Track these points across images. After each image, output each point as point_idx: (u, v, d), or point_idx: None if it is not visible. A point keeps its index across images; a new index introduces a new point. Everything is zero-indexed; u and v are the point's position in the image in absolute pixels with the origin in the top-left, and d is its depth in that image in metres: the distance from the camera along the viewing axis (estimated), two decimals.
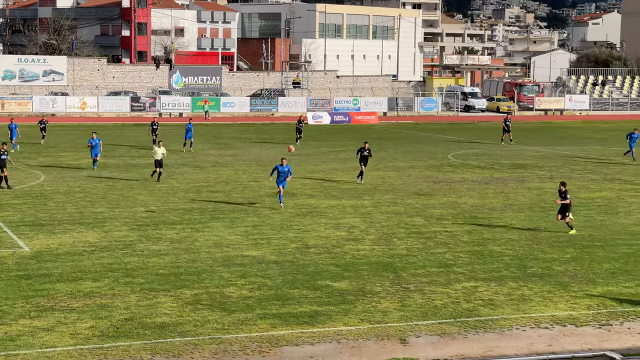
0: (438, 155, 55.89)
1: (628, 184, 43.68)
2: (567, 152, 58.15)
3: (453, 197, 39.08)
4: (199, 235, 30.26)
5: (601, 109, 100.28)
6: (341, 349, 19.04)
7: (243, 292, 23.37)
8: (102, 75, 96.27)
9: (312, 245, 28.97)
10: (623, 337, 20.11)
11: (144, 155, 53.62)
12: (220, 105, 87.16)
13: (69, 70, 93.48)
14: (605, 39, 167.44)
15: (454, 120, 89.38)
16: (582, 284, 24.60)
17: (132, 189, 40.46)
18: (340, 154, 56.29)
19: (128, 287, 23.66)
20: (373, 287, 23.98)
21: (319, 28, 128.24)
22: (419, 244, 29.34)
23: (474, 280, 24.86)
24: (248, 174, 46.17)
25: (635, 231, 31.96)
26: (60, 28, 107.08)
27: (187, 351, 18.72)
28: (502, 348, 19.28)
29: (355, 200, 37.87)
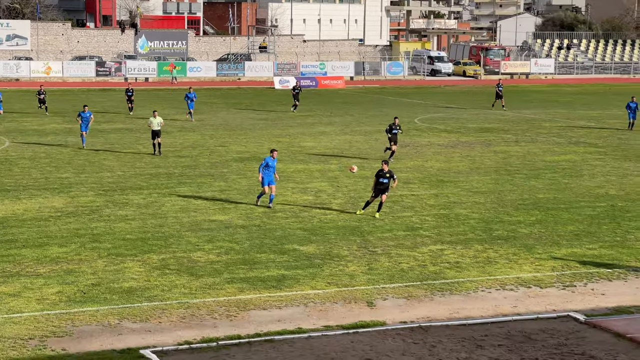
0: (405, 119, 55.91)
1: (592, 147, 44.06)
2: (532, 116, 58.49)
3: (419, 161, 39.23)
4: (165, 200, 30.17)
5: (566, 72, 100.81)
6: (309, 313, 19.15)
7: (210, 256, 23.39)
8: (66, 40, 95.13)
9: (280, 210, 28.99)
10: (587, 298, 20.39)
11: (110, 121, 53.25)
12: (186, 70, 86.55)
13: (32, 35, 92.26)
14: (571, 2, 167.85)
15: (420, 84, 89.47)
16: (547, 246, 24.88)
17: (98, 154, 40.18)
18: (307, 118, 56.22)
19: (95, 252, 23.58)
20: (340, 250, 24.09)
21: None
22: (385, 208, 29.43)
23: (440, 243, 25.05)
24: (215, 138, 46.01)
25: (599, 193, 32.31)
26: None
27: (155, 316, 18.74)
28: (467, 310, 19.48)
29: (322, 165, 37.91)
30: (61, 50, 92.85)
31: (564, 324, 18.62)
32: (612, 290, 21.01)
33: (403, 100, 70.70)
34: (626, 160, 40.11)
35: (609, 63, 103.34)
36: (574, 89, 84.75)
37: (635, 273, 22.39)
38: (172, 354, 16.64)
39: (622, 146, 44.54)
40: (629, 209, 29.69)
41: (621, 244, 25.12)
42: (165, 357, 16.47)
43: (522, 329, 18.28)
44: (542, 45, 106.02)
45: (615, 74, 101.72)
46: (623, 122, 55.38)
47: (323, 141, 45.23)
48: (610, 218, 28.36)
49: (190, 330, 17.91)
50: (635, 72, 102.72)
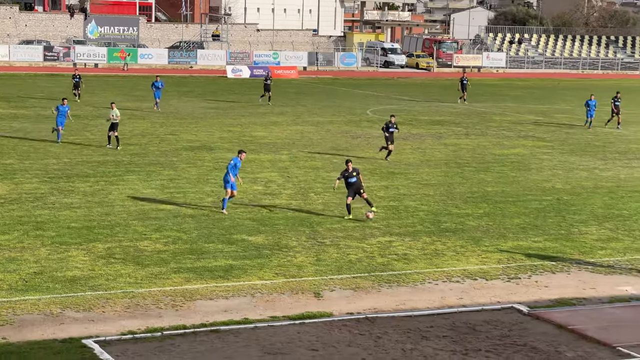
0: (357, 110, 56.06)
1: (540, 141, 44.51)
2: (483, 109, 58.91)
3: (370, 153, 39.30)
4: (113, 189, 29.86)
5: (517, 66, 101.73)
6: (255, 303, 19.08)
7: (157, 245, 23.19)
8: (14, 24, 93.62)
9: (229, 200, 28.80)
10: (530, 290, 20.59)
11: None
12: (137, 57, 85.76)
13: None
14: None
15: (373, 75, 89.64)
16: (494, 238, 25.07)
17: (43, 140, 39.63)
18: (259, 108, 56.03)
19: (38, 240, 23.26)
20: (289, 241, 24.04)
21: None
22: (335, 199, 29.44)
23: (389, 235, 25.11)
24: (165, 127, 45.65)
25: (546, 187, 32.65)
26: None
27: (99, 305, 18.53)
28: (414, 301, 19.56)
29: (273, 155, 37.80)
30: (8, 34, 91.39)
31: (508, 316, 18.78)
32: (555, 282, 21.25)
33: (356, 91, 70.79)
34: (572, 154, 40.60)
35: (559, 58, 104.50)
36: (524, 83, 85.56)
37: (577, 266, 22.67)
38: (115, 344, 16.46)
39: (569, 140, 45.06)
40: (574, 203, 30.05)
41: (565, 237, 25.41)
42: (108, 347, 16.29)
43: (466, 321, 18.40)
44: (494, 39, 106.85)
45: (564, 69, 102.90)
46: (570, 117, 56.06)
47: (274, 131, 45.13)
48: (555, 211, 28.68)
49: (135, 320, 17.74)
50: (584, 67, 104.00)
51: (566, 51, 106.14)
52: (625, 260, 23.25)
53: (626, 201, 30.61)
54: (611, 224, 27.22)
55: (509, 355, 16.58)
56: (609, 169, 37.10)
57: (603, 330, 18.03)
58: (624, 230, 26.40)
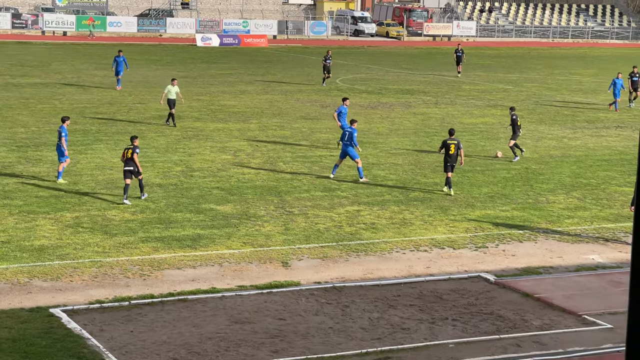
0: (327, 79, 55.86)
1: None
2: (452, 78, 58.95)
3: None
4: (81, 158, 29.67)
5: (487, 35, 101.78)
6: (223, 272, 19.10)
7: (125, 215, 23.11)
8: None
9: (197, 169, 28.78)
10: (497, 259, 20.77)
11: (25, 75, 52.00)
12: (106, 25, 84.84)
13: None
14: None
15: (343, 44, 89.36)
16: (462, 207, 25.21)
17: (11, 108, 39.25)
18: (229, 77, 55.75)
19: (6, 209, 23.10)
20: (257, 210, 24.04)
21: None
22: (304, 168, 29.46)
23: (357, 204, 25.18)
24: (134, 95, 45.33)
25: (513, 156, 32.76)
26: None
27: (66, 274, 18.47)
28: (381, 270, 19.67)
29: (242, 124, 37.68)
30: None
31: (475, 284, 18.94)
32: (522, 251, 21.44)
33: None
34: (541, 123, 40.80)
35: (529, 27, 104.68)
36: (494, 52, 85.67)
37: (545, 234, 22.87)
38: (83, 313, 16.44)
39: (538, 110, 45.26)
40: (542, 172, 30.25)
41: (533, 206, 25.60)
42: (76, 316, 16.26)
43: (434, 289, 18.54)
44: (464, 7, 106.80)
45: (534, 38, 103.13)
46: (539, 85, 56.25)
47: (243, 100, 44.96)
48: (523, 180, 28.87)
49: (102, 289, 17.71)
50: (554, 36, 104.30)
51: (536, 20, 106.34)
52: (592, 229, 23.49)
53: (594, 170, 30.86)
54: (579, 192, 27.46)
55: (475, 323, 16.74)
56: (578, 137, 37.35)
57: (569, 298, 18.24)
58: (592, 199, 26.64)
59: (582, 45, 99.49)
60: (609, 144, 36.19)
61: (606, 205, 25.96)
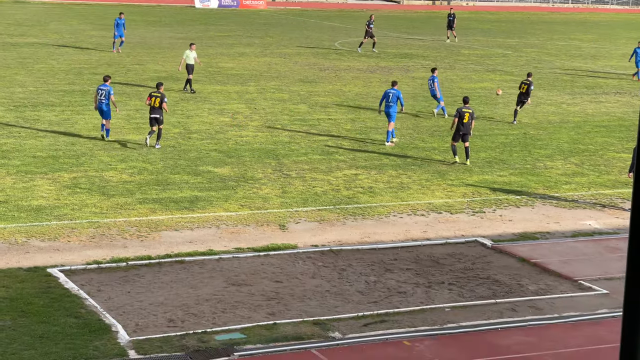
0: (325, 42, 55.67)
1: (508, 75, 44.54)
2: (451, 43, 58.66)
3: (338, 85, 39.16)
4: (79, 118, 29.59)
5: (487, 0, 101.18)
6: (220, 234, 19.14)
7: (123, 176, 23.11)
8: None
9: (195, 131, 28.73)
10: (494, 224, 20.81)
11: (23, 34, 51.71)
12: None
13: None
14: None
15: (343, 7, 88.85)
16: (459, 172, 25.22)
17: (9, 68, 39.08)
18: (227, 39, 55.44)
19: (3, 169, 23.08)
20: (255, 173, 24.04)
21: None
22: (302, 132, 29.42)
23: (355, 168, 25.17)
24: (132, 56, 45.12)
25: (512, 121, 32.73)
26: None
27: (64, 235, 18.49)
28: (378, 234, 19.71)
29: (240, 87, 37.56)
30: None
31: (472, 249, 19.00)
32: (519, 216, 21.48)
33: (324, 23, 70.20)
34: (540, 89, 40.66)
35: None
36: (494, 17, 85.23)
37: (542, 200, 22.90)
38: (80, 273, 16.49)
39: (537, 75, 45.09)
40: (540, 137, 30.23)
41: (530, 172, 25.61)
42: (73, 276, 16.32)
43: (430, 254, 18.60)
44: None
45: (534, 3, 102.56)
46: (539, 50, 56.04)
47: (242, 62, 44.76)
48: (521, 146, 28.85)
49: (100, 250, 17.75)
50: (554, 1, 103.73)
51: None
52: (590, 195, 23.53)
53: (592, 136, 30.84)
54: (577, 158, 27.46)
55: (472, 287, 16.81)
56: (577, 103, 37.28)
57: (565, 264, 18.31)
58: (589, 165, 26.65)
59: (582, 11, 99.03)
60: (607, 110, 36.14)
61: (604, 172, 25.97)
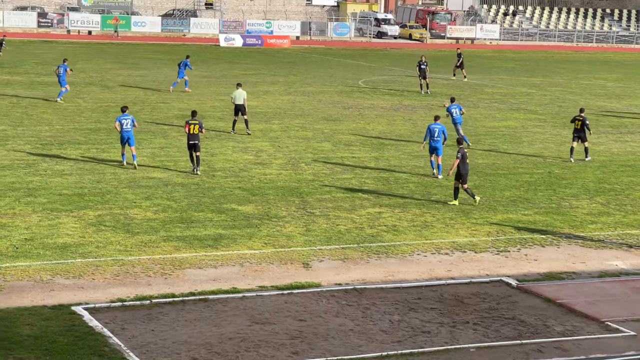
0: (349, 81, 55.93)
1: (532, 114, 44.48)
2: (475, 81, 58.78)
3: (362, 123, 39.25)
4: (104, 156, 29.80)
5: (511, 39, 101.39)
6: (244, 273, 19.13)
7: (148, 214, 23.20)
8: None
9: (219, 169, 28.84)
10: (520, 264, 20.67)
11: (50, 73, 52.31)
12: (130, 24, 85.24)
13: None
14: None
15: (366, 46, 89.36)
16: (483, 211, 25.12)
17: (36, 107, 39.50)
18: (251, 77, 55.81)
19: (29, 206, 23.24)
20: (279, 211, 24.06)
21: None
22: (326, 170, 29.47)
23: (378, 206, 25.14)
24: (157, 95, 45.50)
25: (537, 160, 32.68)
26: None
27: (88, 272, 18.55)
28: (402, 273, 19.63)
29: (264, 125, 37.73)
30: (2, 0, 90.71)
31: (497, 289, 18.86)
32: (544, 256, 21.33)
33: (348, 61, 70.58)
34: (565, 128, 40.54)
35: (553, 31, 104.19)
36: (517, 55, 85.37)
37: (568, 239, 22.74)
38: (104, 311, 16.51)
39: (562, 114, 45.02)
40: (564, 176, 30.09)
41: (556, 211, 25.47)
42: (97, 314, 16.33)
43: (455, 293, 18.48)
44: (488, 10, 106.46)
45: (558, 42, 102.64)
46: (563, 89, 55.96)
47: (266, 101, 45.00)
48: (546, 185, 28.73)
49: (124, 288, 17.78)
50: (578, 40, 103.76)
51: (561, 24, 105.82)
52: (616, 235, 23.34)
53: (618, 175, 30.66)
54: (602, 198, 27.29)
55: (497, 328, 16.67)
56: (602, 142, 37.11)
57: (592, 304, 18.12)
58: (615, 205, 26.47)
59: (606, 50, 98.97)
60: (633, 149, 35.95)
61: (630, 211, 25.79)
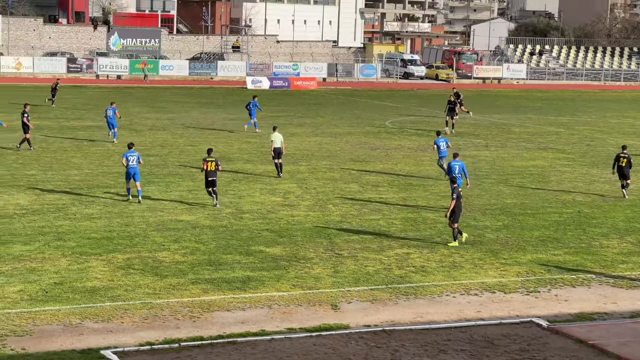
0: (376, 122, 56.07)
1: (561, 153, 44.32)
2: (503, 121, 58.73)
3: (389, 164, 39.28)
4: (133, 199, 29.97)
5: (538, 78, 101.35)
6: (272, 315, 19.10)
7: (176, 256, 23.27)
8: (38, 36, 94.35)
9: (247, 211, 28.92)
10: (550, 304, 20.49)
11: (79, 118, 52.90)
12: (158, 68, 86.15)
13: (3, 30, 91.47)
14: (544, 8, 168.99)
15: (393, 87, 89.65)
16: (512, 251, 24.97)
17: (65, 151, 39.89)
18: (278, 119, 56.06)
19: (59, 250, 23.39)
20: (306, 253, 24.05)
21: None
22: (353, 211, 29.46)
23: (406, 247, 25.07)
24: (185, 138, 45.81)
25: (566, 200, 32.49)
26: None
27: (117, 316, 18.61)
28: (431, 314, 19.52)
29: (291, 166, 37.83)
30: (32, 46, 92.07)
31: (527, 330, 18.70)
32: (575, 296, 21.13)
33: (375, 102, 70.80)
34: (593, 166, 40.38)
35: (580, 69, 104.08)
36: (544, 95, 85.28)
37: (598, 279, 22.53)
38: (133, 355, 16.52)
39: (590, 153, 44.84)
40: (594, 216, 29.88)
41: (586, 251, 25.27)
42: (126, 357, 16.36)
43: (485, 334, 18.34)
44: (514, 50, 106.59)
45: (586, 81, 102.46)
46: (591, 128, 55.74)
47: (293, 142, 45.14)
48: (576, 224, 28.53)
49: (153, 331, 17.80)
50: (605, 79, 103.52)
51: (588, 62, 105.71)
52: None
53: None
54: (633, 237, 27.05)
55: None
56: (632, 181, 36.81)
57: (624, 345, 17.91)
58: None
59: (634, 88, 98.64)
60: None
61: None
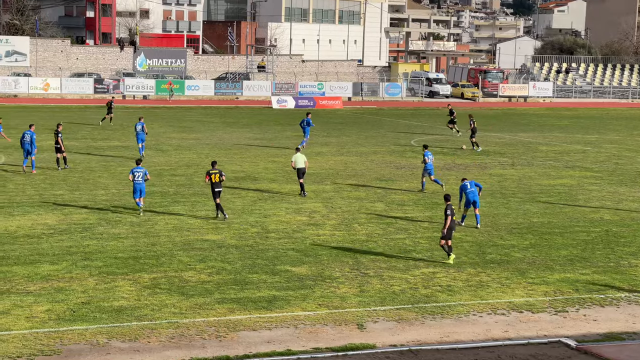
0: (401, 141, 56.03)
1: (588, 172, 44.06)
2: (529, 139, 58.51)
3: (415, 183, 39.19)
4: (159, 219, 30.11)
5: (564, 96, 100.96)
6: (298, 334, 19.07)
7: (202, 276, 23.32)
8: (65, 57, 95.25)
9: (273, 230, 28.95)
10: (578, 324, 20.33)
11: (106, 138, 53.25)
12: (184, 88, 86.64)
13: (32, 51, 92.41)
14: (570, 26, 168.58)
15: (418, 105, 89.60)
16: (540, 270, 24.82)
17: (93, 171, 40.15)
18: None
19: (86, 270, 23.51)
20: (332, 272, 24.02)
21: (285, 12, 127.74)
22: (379, 230, 29.41)
23: (432, 266, 24.98)
24: (211, 157, 45.92)
25: (593, 218, 32.27)
26: (23, 8, 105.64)
27: (144, 335, 18.65)
28: (458, 334, 19.41)
29: (317, 185, 37.86)
30: (60, 67, 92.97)
31: (555, 350, 18.55)
32: (603, 316, 20.95)
33: (400, 121, 70.78)
34: (622, 185, 40.10)
35: (608, 87, 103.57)
36: (571, 113, 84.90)
37: (627, 299, 22.33)
38: None
39: (618, 171, 44.54)
40: (623, 235, 29.65)
41: (614, 270, 25.06)
42: None
43: (512, 354, 18.21)
44: (540, 68, 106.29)
45: (613, 99, 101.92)
46: (619, 146, 55.41)
47: (318, 161, 45.21)
48: (604, 243, 28.32)
49: (179, 351, 17.83)
50: (633, 96, 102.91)
51: (615, 80, 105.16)
52: None
53: None
54: None
55: None
56: None
57: None
58: None
59: None
60: None
61: None
